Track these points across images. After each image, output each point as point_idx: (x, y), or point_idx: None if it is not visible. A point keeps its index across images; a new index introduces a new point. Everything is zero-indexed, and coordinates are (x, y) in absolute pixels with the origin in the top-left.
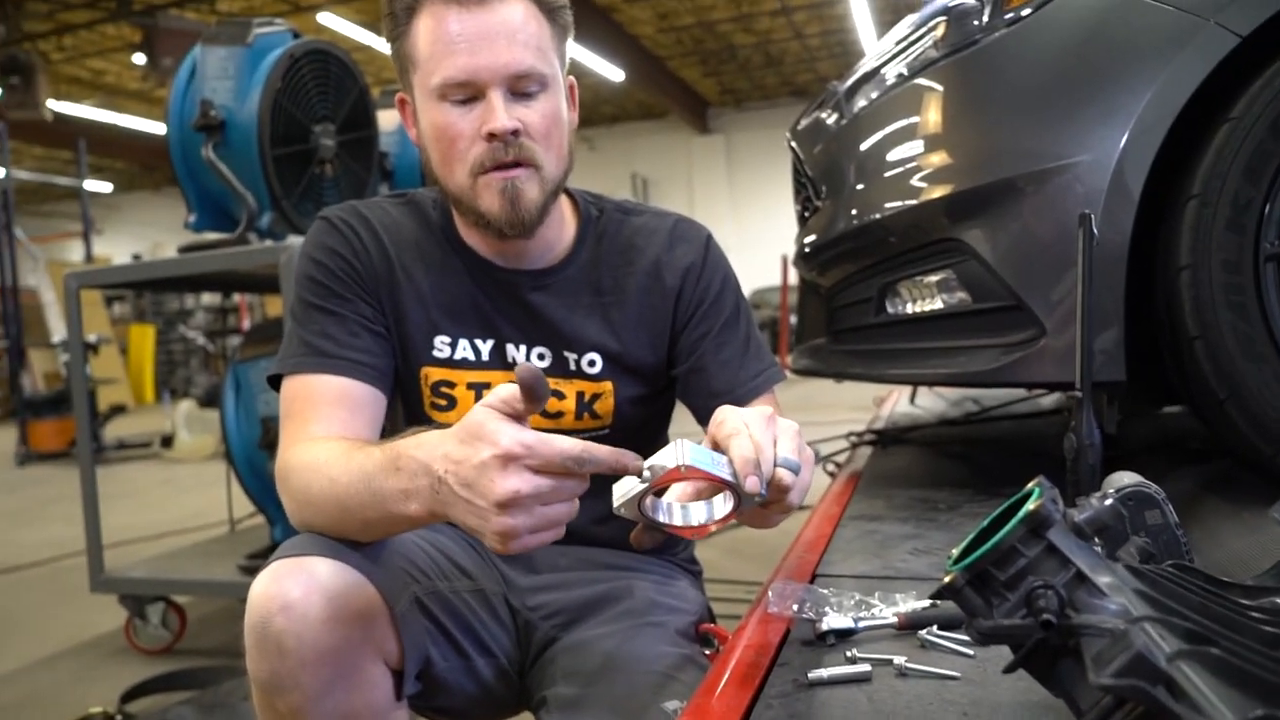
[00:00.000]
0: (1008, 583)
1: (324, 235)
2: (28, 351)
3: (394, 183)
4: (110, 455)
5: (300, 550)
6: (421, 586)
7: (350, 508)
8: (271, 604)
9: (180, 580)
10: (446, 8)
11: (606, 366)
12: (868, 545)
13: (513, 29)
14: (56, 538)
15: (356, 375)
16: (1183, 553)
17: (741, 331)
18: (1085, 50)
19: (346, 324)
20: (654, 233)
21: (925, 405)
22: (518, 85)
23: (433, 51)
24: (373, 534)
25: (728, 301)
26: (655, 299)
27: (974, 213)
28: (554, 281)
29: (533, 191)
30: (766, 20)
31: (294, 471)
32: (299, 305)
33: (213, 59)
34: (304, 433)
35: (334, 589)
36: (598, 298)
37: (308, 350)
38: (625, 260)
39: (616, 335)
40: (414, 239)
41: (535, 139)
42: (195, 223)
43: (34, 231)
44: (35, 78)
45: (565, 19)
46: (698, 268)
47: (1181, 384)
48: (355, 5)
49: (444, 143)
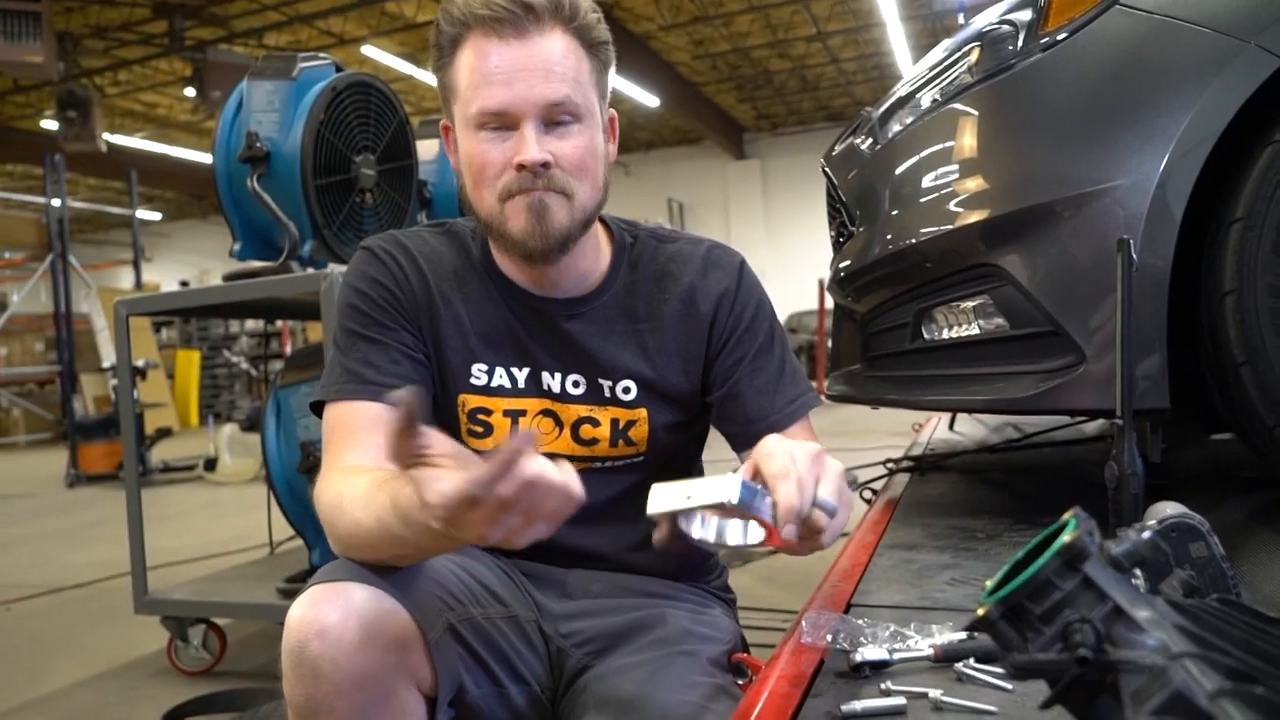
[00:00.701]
0: (1043, 616)
1: (366, 265)
2: (79, 376)
3: (433, 211)
4: (155, 478)
5: (336, 576)
6: (456, 613)
7: (379, 545)
8: (308, 629)
9: (221, 602)
10: (488, 40)
11: (641, 393)
12: (904, 575)
13: (550, 62)
14: (102, 559)
15: None
16: (1229, 586)
17: (776, 357)
18: (1122, 74)
19: (388, 351)
20: (688, 259)
21: (965, 431)
22: (552, 116)
23: (471, 81)
24: (406, 560)
25: (762, 327)
26: (689, 325)
27: (1010, 238)
28: (588, 309)
29: (560, 213)
30: (802, 46)
31: (327, 501)
32: (341, 333)
33: (259, 93)
34: (342, 459)
35: (369, 615)
36: (632, 324)
37: (349, 377)
38: (659, 287)
39: (651, 362)
40: (452, 268)
41: (567, 171)
42: (240, 251)
43: (87, 259)
44: (92, 111)
45: (607, 54)
46: (731, 294)
47: (1228, 411)
48: (397, 38)
49: (475, 169)
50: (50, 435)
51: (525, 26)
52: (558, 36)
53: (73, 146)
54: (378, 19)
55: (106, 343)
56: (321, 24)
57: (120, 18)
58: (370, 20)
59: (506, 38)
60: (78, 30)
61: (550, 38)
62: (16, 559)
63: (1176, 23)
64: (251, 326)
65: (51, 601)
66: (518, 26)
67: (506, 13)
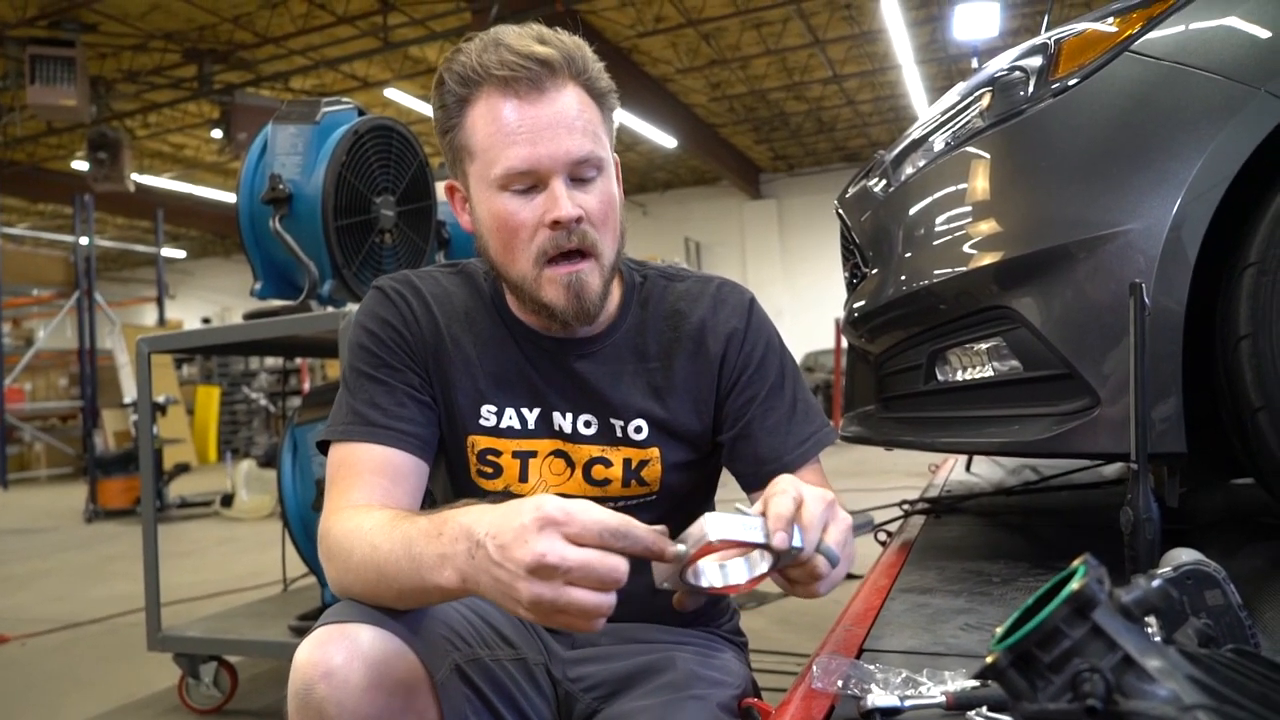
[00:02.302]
0: (1052, 664)
1: (377, 305)
2: (101, 411)
3: (451, 251)
4: (173, 513)
5: (343, 617)
6: (462, 654)
7: (387, 574)
8: (314, 671)
9: (233, 640)
10: (503, 99)
11: (653, 433)
12: (918, 619)
13: (570, 117)
14: (119, 594)
15: (400, 445)
16: (1246, 636)
17: (787, 396)
18: (1134, 119)
19: (394, 394)
20: (697, 298)
21: (981, 473)
22: (577, 172)
23: (492, 142)
24: (406, 603)
25: (772, 366)
26: (699, 364)
27: (1023, 281)
28: (599, 349)
29: (595, 282)
30: (818, 88)
31: (336, 538)
32: (351, 372)
33: (283, 136)
34: (346, 500)
35: (375, 656)
36: (642, 364)
37: (355, 419)
38: (670, 326)
39: (662, 401)
40: (464, 309)
41: (594, 224)
42: (260, 290)
43: (112, 296)
44: (121, 153)
45: (613, 101)
46: (741, 332)
47: (1246, 455)
48: (419, 81)
49: (506, 232)
50: (71, 470)
51: (542, 83)
52: (571, 91)
53: (102, 187)
54: (400, 63)
55: (128, 378)
56: (346, 68)
57: (152, 62)
58: (393, 64)
59: (524, 95)
60: (111, 75)
61: (565, 93)
62: (35, 593)
63: (1187, 69)
64: (271, 363)
65: (67, 637)
66: (535, 84)
67: (523, 70)
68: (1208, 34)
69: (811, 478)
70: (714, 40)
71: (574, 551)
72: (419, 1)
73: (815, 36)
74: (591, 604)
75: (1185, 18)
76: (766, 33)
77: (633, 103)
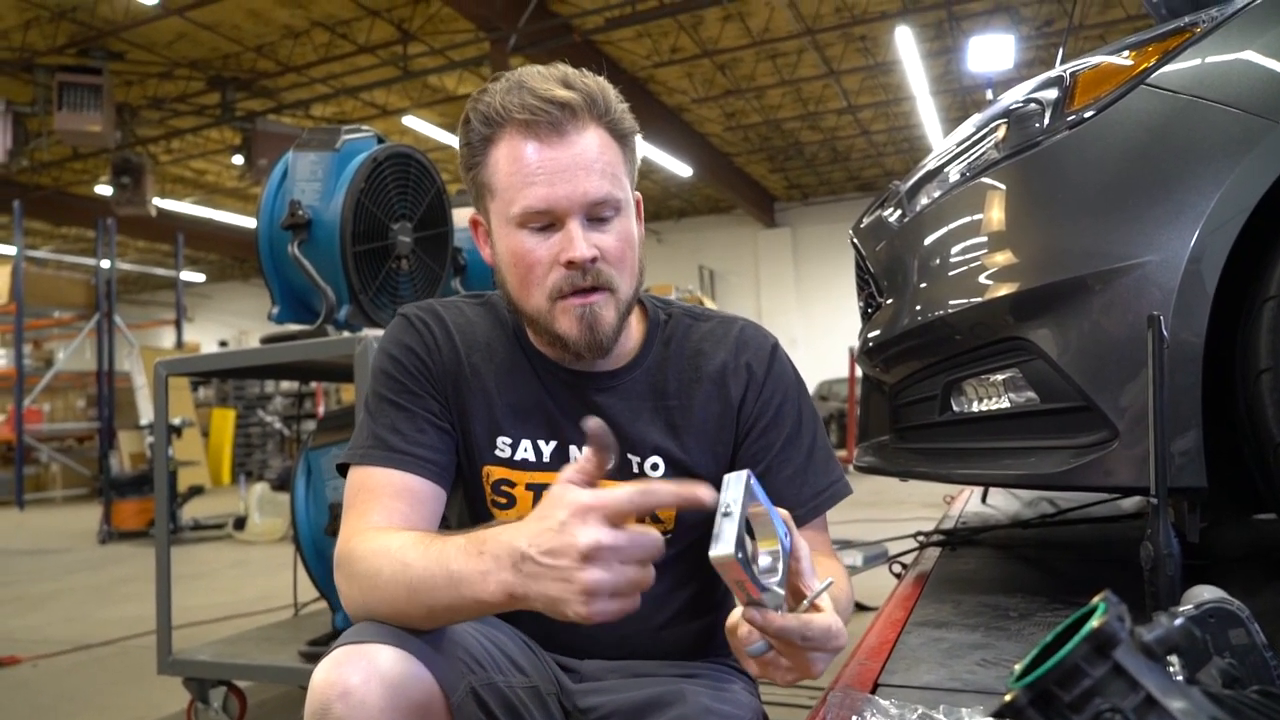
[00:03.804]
0: (1073, 704)
1: (401, 332)
2: (118, 433)
3: (466, 277)
4: (185, 536)
5: (362, 637)
6: (478, 677)
7: (419, 591)
8: (331, 691)
9: (243, 665)
10: (525, 140)
11: (669, 471)
12: (933, 654)
13: (589, 159)
14: (131, 616)
15: (419, 471)
16: (1272, 677)
17: (805, 446)
18: (1150, 151)
19: (415, 420)
20: (720, 339)
21: (998, 505)
22: (594, 212)
23: (511, 182)
24: (436, 621)
25: (790, 414)
26: (719, 406)
27: (1039, 312)
28: (619, 384)
29: (609, 315)
30: (833, 118)
31: (360, 557)
32: (373, 397)
33: (303, 163)
34: (365, 522)
35: (393, 677)
36: (662, 402)
37: (376, 443)
38: (691, 366)
39: (679, 441)
40: (485, 339)
41: (610, 263)
42: (278, 315)
43: (131, 319)
44: (144, 178)
45: (635, 141)
46: (761, 378)
47: (1268, 490)
48: (437, 109)
49: (522, 268)
50: (86, 491)
51: (564, 126)
52: (592, 132)
53: (124, 211)
54: (419, 91)
55: (145, 400)
56: (366, 96)
57: (176, 90)
58: (412, 93)
59: (545, 137)
60: (136, 101)
61: (586, 134)
62: (48, 615)
63: (1203, 103)
64: (286, 386)
65: (78, 659)
66: (555, 127)
67: (544, 113)
68: (1224, 68)
69: (815, 536)
70: (729, 70)
71: (619, 533)
72: (438, 31)
73: (830, 68)
74: (644, 578)
75: (1201, 51)
76: (781, 63)
77: (648, 131)
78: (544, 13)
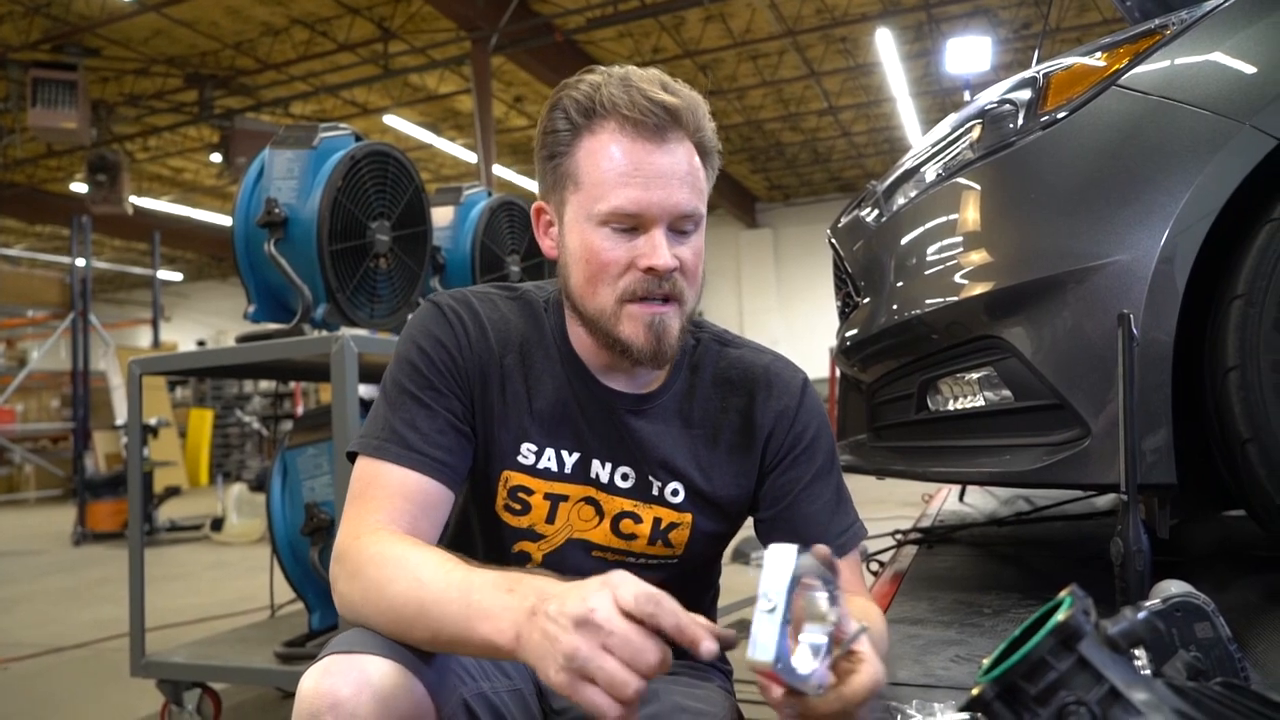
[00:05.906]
0: (1039, 697)
1: (432, 323)
2: (92, 433)
3: (445, 276)
4: (162, 537)
5: (353, 646)
6: (469, 688)
7: (430, 613)
8: (320, 701)
9: (217, 666)
10: (624, 138)
11: (689, 498)
12: (907, 650)
13: (683, 171)
14: (104, 618)
15: (433, 474)
16: (1236, 669)
17: (832, 484)
18: (1121, 152)
19: (436, 419)
20: (749, 369)
21: (975, 503)
22: (678, 224)
23: (603, 178)
24: (435, 646)
25: (820, 450)
26: (745, 439)
27: (1013, 310)
28: (649, 408)
29: (675, 327)
30: (814, 119)
31: (369, 559)
32: (394, 387)
33: (280, 160)
34: (370, 520)
35: (383, 689)
36: (687, 429)
37: (392, 438)
38: (719, 395)
39: (703, 470)
40: (520, 340)
41: (685, 276)
42: (254, 314)
43: (107, 318)
44: (120, 175)
45: (717, 162)
46: (791, 412)
47: (1236, 487)
48: (418, 108)
49: (595, 265)
50: (60, 492)
51: (665, 132)
52: (686, 145)
53: (100, 209)
54: (400, 90)
55: (121, 400)
56: (346, 94)
57: (154, 87)
58: (393, 91)
59: (645, 140)
60: (112, 98)
61: (682, 146)
62: (19, 618)
63: (1174, 104)
64: (265, 386)
65: (51, 662)
66: (659, 131)
67: (651, 116)
68: (1194, 69)
69: (851, 576)
70: (711, 71)
71: (620, 619)
72: (419, 30)
73: (811, 69)
74: (620, 677)
75: (1172, 53)
76: (763, 64)
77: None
78: (526, 12)
